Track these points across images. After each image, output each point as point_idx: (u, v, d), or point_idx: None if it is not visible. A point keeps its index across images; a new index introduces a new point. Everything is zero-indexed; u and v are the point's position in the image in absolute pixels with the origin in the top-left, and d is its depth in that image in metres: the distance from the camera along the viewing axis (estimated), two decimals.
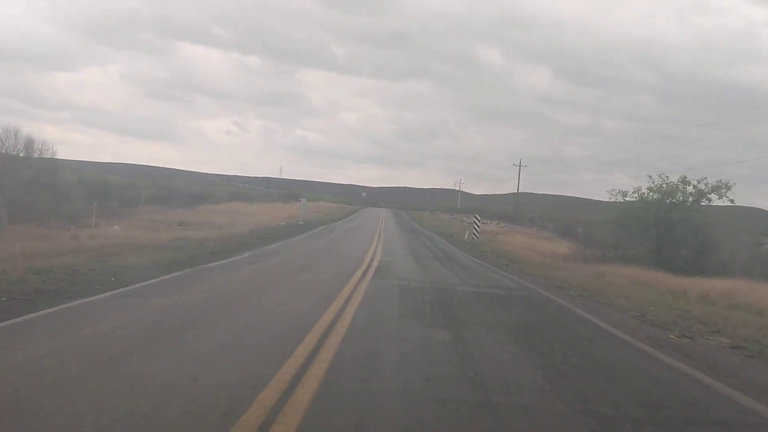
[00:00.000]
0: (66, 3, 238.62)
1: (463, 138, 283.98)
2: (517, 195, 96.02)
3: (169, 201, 52.91)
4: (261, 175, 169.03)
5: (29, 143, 32.55)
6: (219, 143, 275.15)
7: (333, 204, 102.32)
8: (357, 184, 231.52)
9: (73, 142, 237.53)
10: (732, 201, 35.52)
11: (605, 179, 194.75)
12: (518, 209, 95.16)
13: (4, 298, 8.79)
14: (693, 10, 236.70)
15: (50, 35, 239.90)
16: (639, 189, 37.43)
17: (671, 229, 34.72)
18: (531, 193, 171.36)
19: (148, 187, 63.10)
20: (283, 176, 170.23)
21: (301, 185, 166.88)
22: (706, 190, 35.24)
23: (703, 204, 36.00)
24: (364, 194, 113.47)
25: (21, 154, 31.60)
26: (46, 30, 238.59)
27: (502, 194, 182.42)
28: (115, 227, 25.15)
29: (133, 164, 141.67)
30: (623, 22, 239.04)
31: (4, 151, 30.95)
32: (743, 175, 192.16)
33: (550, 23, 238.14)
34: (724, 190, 34.71)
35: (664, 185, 36.26)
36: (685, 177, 36.01)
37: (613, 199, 39.00)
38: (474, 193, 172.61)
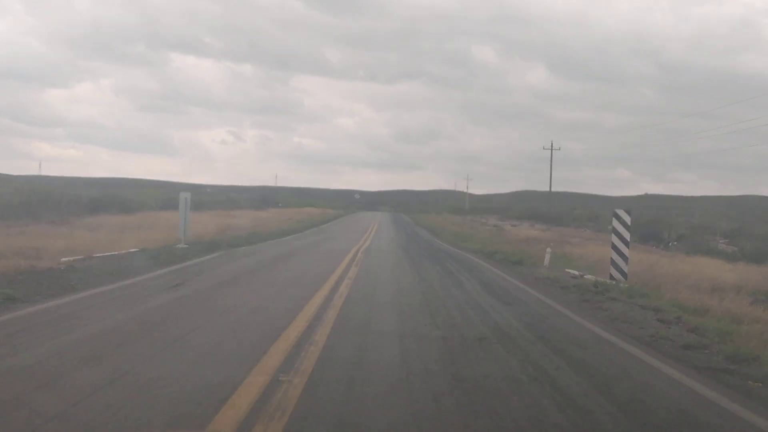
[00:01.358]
0: (52, 17, 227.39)
1: (461, 138, 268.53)
2: (550, 192, 74.02)
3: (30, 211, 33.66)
4: (258, 184, 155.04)
5: None
6: (215, 154, 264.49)
7: (317, 210, 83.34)
8: (357, 189, 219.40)
9: (68, 159, 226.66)
10: None
11: (606, 175, 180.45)
12: (553, 206, 74.31)
13: None
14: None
15: (40, 51, 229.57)
16: None
17: None
18: (534, 191, 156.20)
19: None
20: (279, 184, 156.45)
21: (299, 192, 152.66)
22: None
23: None
24: (357, 196, 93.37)
25: None
26: (36, 46, 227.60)
27: (505, 193, 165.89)
28: None
29: (128, 178, 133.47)
30: (620, 14, 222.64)
31: None
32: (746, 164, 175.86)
33: (544, 18, 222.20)
34: None
35: None
36: None
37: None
38: (475, 193, 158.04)
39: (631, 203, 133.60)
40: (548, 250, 19.28)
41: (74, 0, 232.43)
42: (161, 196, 65.05)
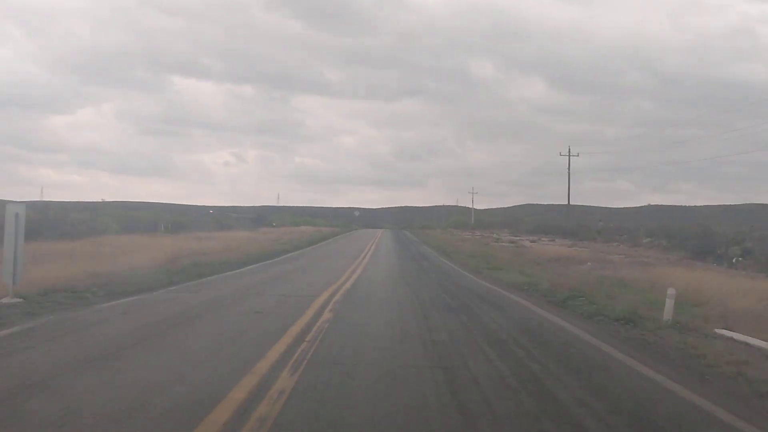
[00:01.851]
0: (53, 43, 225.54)
1: (461, 153, 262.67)
2: (568, 205, 65.72)
3: None
4: (260, 204, 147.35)
5: None
6: (218, 175, 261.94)
7: (311, 229, 75.64)
8: (358, 206, 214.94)
9: (72, 185, 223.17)
10: None
11: (606, 187, 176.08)
12: (573, 219, 65.88)
13: None
14: (689, 10, 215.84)
15: (41, 77, 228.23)
16: None
17: None
18: (538, 204, 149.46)
19: None
20: (281, 203, 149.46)
21: (301, 211, 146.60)
22: None
23: None
24: (357, 213, 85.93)
25: None
26: (37, 72, 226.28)
27: (507, 207, 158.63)
28: None
29: (132, 202, 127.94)
30: (619, 26, 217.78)
31: None
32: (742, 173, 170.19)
33: (543, 32, 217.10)
34: None
35: None
36: None
37: None
38: (478, 207, 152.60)
39: (633, 215, 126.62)
40: (670, 292, 10.70)
41: (74, 26, 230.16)
42: (132, 217, 56.36)
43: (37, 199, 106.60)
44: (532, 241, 47.82)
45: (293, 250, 33.99)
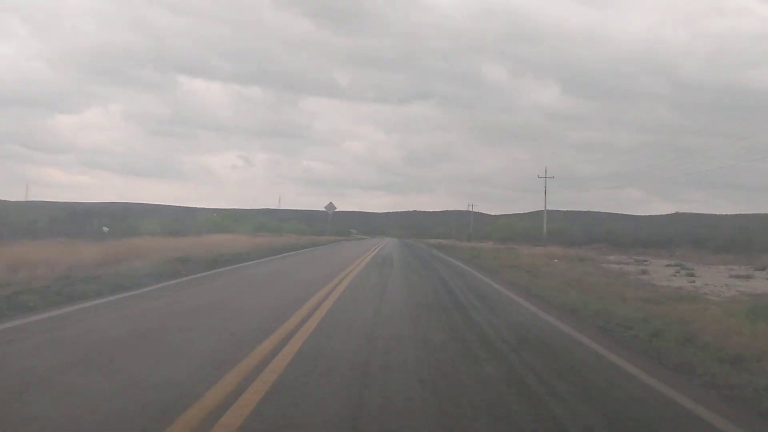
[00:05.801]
0: (59, 42, 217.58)
1: (471, 159, 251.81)
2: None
3: None
4: (262, 207, 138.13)
5: None
6: (224, 177, 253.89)
7: (293, 235, 62.53)
8: (365, 211, 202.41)
9: (79, 185, 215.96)
10: None
11: (617, 194, 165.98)
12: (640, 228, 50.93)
13: None
14: (705, 14, 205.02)
15: (48, 76, 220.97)
16: None
17: None
18: (554, 210, 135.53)
19: None
20: (283, 207, 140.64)
21: (299, 215, 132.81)
22: None
23: None
24: (329, 210, 59.29)
25: None
26: (44, 71, 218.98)
27: (524, 213, 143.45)
28: None
29: (139, 203, 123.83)
30: (633, 31, 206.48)
31: None
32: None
33: (556, 36, 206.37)
34: None
35: None
36: None
37: None
38: (490, 213, 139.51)
39: (659, 222, 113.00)
40: None
41: (81, 24, 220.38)
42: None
43: (41, 199, 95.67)
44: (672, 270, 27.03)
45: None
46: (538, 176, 66.85)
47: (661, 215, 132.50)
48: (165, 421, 4.37)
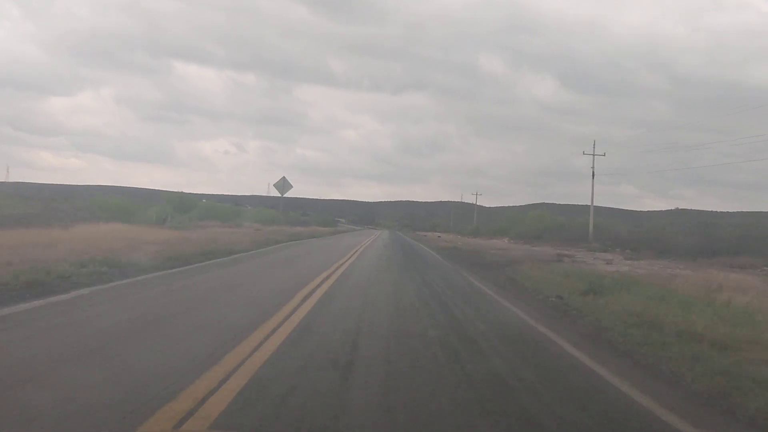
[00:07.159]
0: (52, 23, 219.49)
1: (466, 150, 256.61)
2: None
3: None
4: (253, 194, 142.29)
5: None
6: (217, 163, 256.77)
7: (259, 225, 48.72)
8: (358, 200, 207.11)
9: (70, 168, 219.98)
10: None
11: (611, 190, 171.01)
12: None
13: None
14: (704, 9, 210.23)
15: (40, 59, 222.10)
16: None
17: None
18: (552, 204, 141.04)
19: None
20: (272, 194, 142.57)
21: (299, 203, 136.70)
22: None
23: None
24: (277, 187, 38.37)
25: None
26: (36, 53, 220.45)
27: (521, 205, 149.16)
28: None
29: (132, 188, 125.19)
30: (632, 25, 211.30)
31: None
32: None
33: (556, 29, 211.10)
34: None
35: None
36: None
37: None
38: (485, 205, 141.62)
39: (661, 218, 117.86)
40: None
41: (74, 7, 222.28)
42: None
43: (31, 180, 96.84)
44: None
45: None
46: (584, 152, 53.17)
47: (659, 211, 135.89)
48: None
